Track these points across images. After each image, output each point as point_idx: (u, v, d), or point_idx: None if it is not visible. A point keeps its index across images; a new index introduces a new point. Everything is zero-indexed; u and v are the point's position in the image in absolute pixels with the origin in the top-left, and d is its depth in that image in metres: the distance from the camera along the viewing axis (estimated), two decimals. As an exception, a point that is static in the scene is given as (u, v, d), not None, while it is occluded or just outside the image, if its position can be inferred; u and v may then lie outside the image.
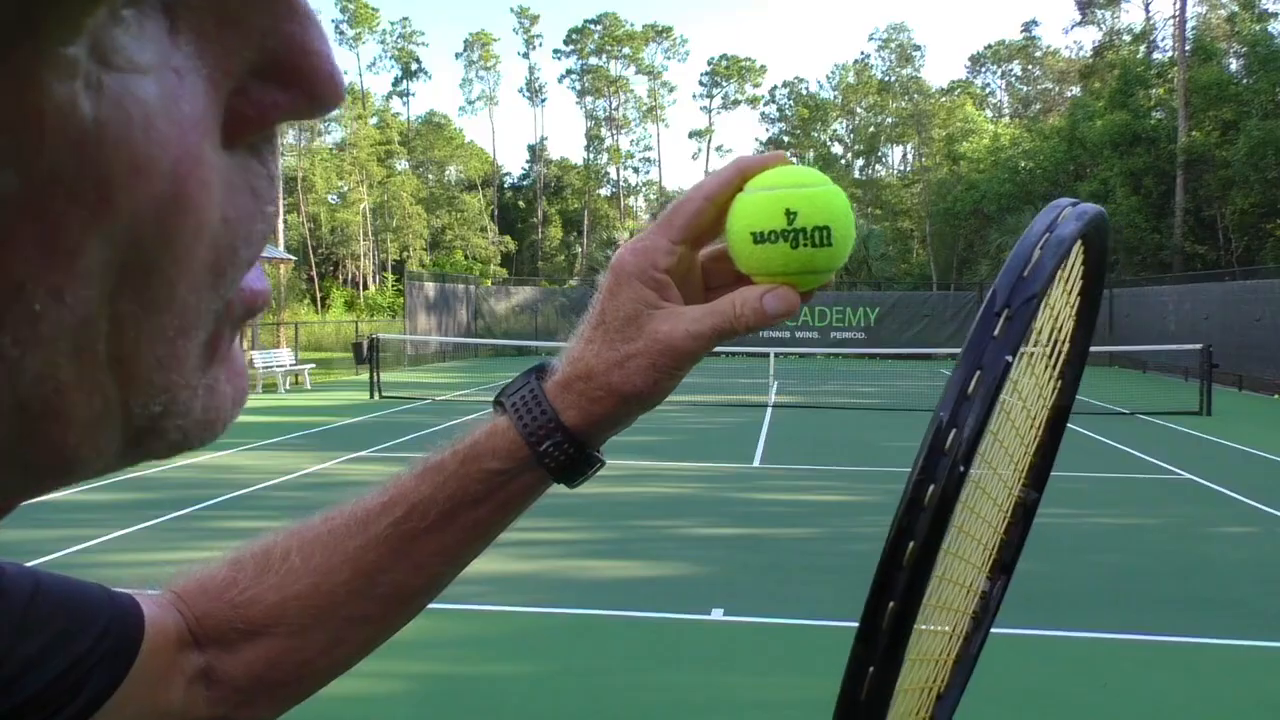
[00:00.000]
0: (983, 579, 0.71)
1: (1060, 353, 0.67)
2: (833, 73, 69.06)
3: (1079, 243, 0.56)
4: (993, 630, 0.72)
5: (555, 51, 71.52)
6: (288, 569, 0.63)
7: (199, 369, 0.25)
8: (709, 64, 72.46)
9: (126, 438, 0.24)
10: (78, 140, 0.19)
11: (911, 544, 0.45)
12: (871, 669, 0.45)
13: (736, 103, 72.45)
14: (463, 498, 0.62)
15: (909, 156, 66.42)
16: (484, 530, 0.64)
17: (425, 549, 0.63)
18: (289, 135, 55.36)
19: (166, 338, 0.24)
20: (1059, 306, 0.62)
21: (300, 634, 0.63)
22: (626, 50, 69.56)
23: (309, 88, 0.25)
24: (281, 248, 39.91)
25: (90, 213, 0.20)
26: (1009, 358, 0.46)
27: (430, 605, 0.67)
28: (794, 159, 0.61)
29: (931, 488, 0.45)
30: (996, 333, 0.46)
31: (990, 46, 66.80)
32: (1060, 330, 0.65)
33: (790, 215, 0.57)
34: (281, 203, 46.78)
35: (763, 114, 70.47)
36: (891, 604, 0.45)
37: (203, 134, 0.23)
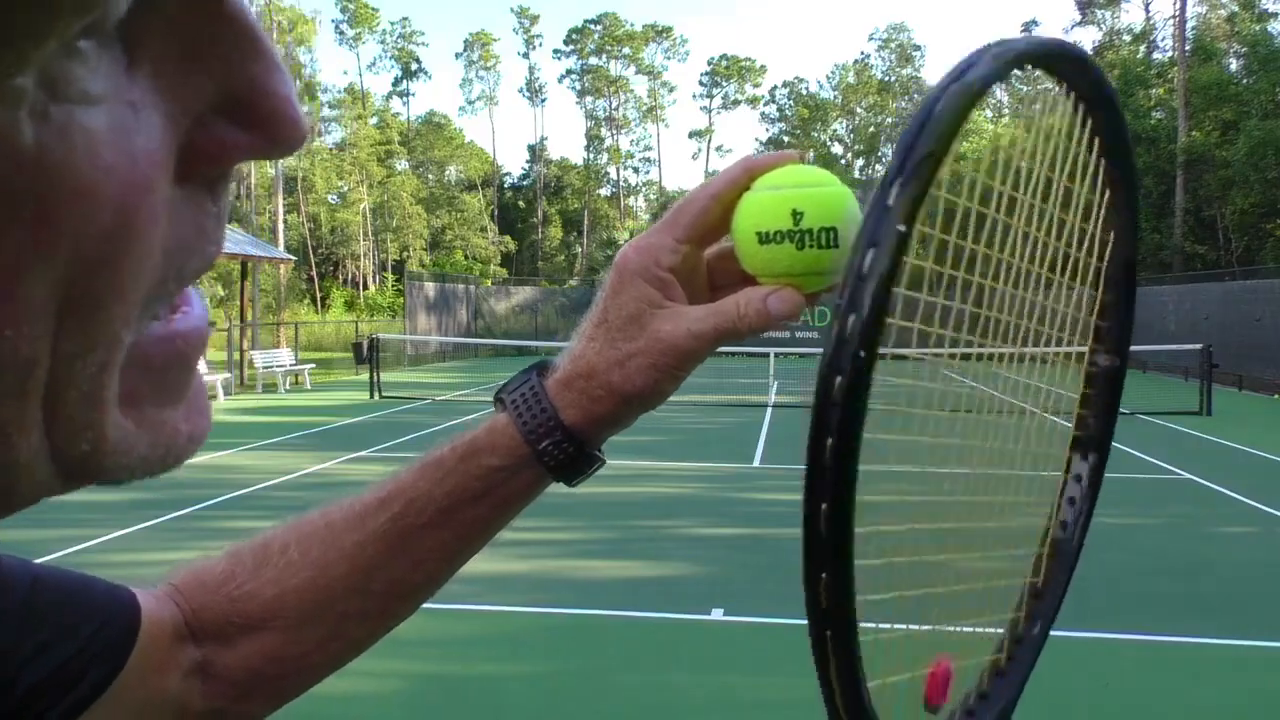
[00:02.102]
0: (1064, 456, 0.65)
1: (1084, 201, 0.62)
2: (833, 73, 69.11)
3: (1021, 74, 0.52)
4: (997, 630, 0.68)
5: (555, 51, 71.47)
6: (285, 563, 0.63)
7: (122, 412, 0.25)
8: (709, 64, 72.44)
9: (58, 475, 0.24)
10: (16, 161, 0.19)
11: (830, 440, 0.46)
12: (824, 506, 0.47)
13: (736, 103, 72.44)
14: (461, 494, 0.62)
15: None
16: (482, 528, 0.64)
17: (423, 545, 0.63)
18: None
19: (90, 374, 0.23)
20: (1047, 145, 0.59)
21: (297, 629, 0.63)
22: (626, 50, 69.55)
23: (270, 130, 0.25)
24: (281, 248, 39.92)
25: (28, 236, 0.20)
26: (901, 228, 0.43)
27: (430, 605, 0.67)
28: (805, 159, 0.61)
29: (839, 379, 0.44)
30: (890, 203, 0.44)
31: (990, 46, 66.67)
32: (1052, 170, 0.60)
33: (797, 215, 0.56)
34: (282, 203, 46.94)
35: (763, 114, 70.48)
36: (824, 505, 0.47)
37: (156, 166, 0.23)
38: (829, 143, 67.07)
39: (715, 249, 0.63)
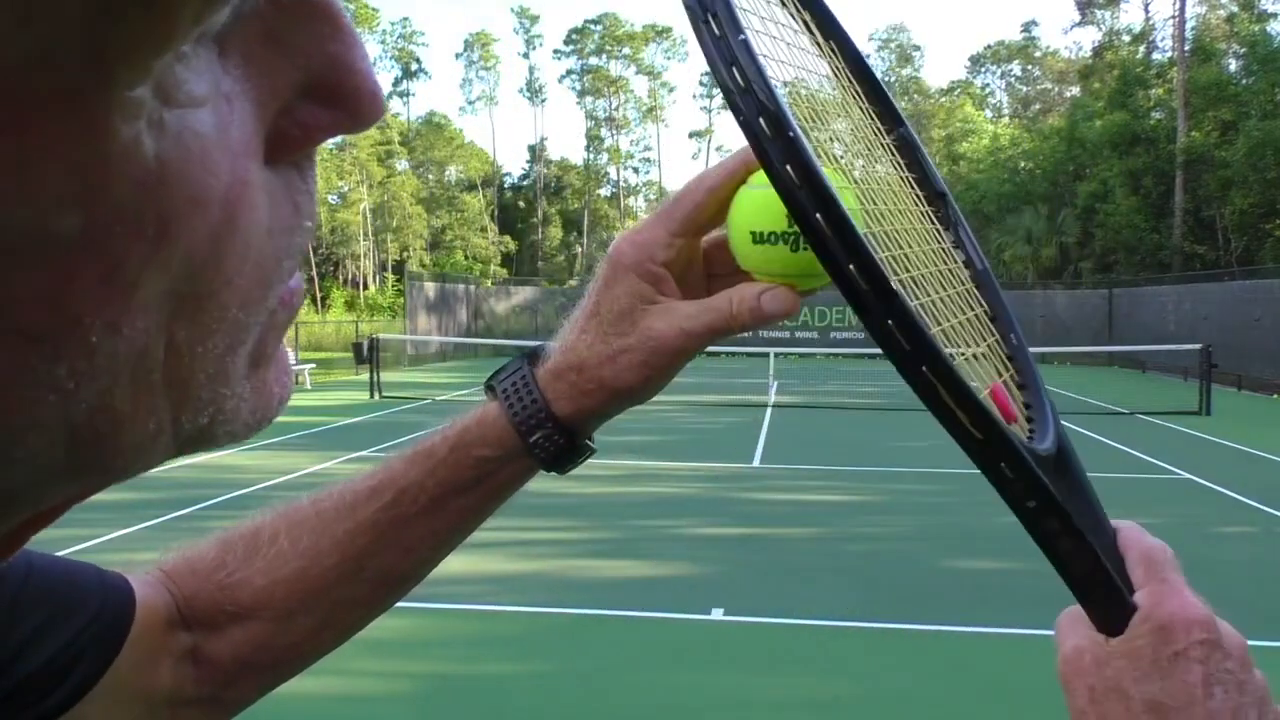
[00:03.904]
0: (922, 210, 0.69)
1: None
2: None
3: None
4: (994, 630, 0.69)
5: (555, 52, 71.52)
6: (276, 552, 0.63)
7: (244, 377, 0.26)
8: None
9: (175, 447, 0.25)
10: (140, 179, 0.19)
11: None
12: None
13: (736, 103, 72.35)
14: (452, 484, 0.62)
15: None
16: (473, 515, 0.64)
17: (414, 534, 0.63)
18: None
19: (216, 355, 0.24)
20: None
21: (287, 617, 0.63)
22: (626, 50, 69.54)
23: (352, 106, 0.25)
24: (281, 248, 39.89)
25: (150, 246, 0.20)
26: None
27: (432, 605, 0.67)
28: None
29: (762, 120, 0.49)
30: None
31: (990, 47, 66.77)
32: None
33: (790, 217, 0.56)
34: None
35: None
36: (852, 266, 0.49)
37: (251, 157, 0.23)
38: (829, 142, 67.02)
39: (712, 237, 0.63)
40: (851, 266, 0.49)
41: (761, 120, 0.48)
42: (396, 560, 0.64)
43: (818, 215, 0.48)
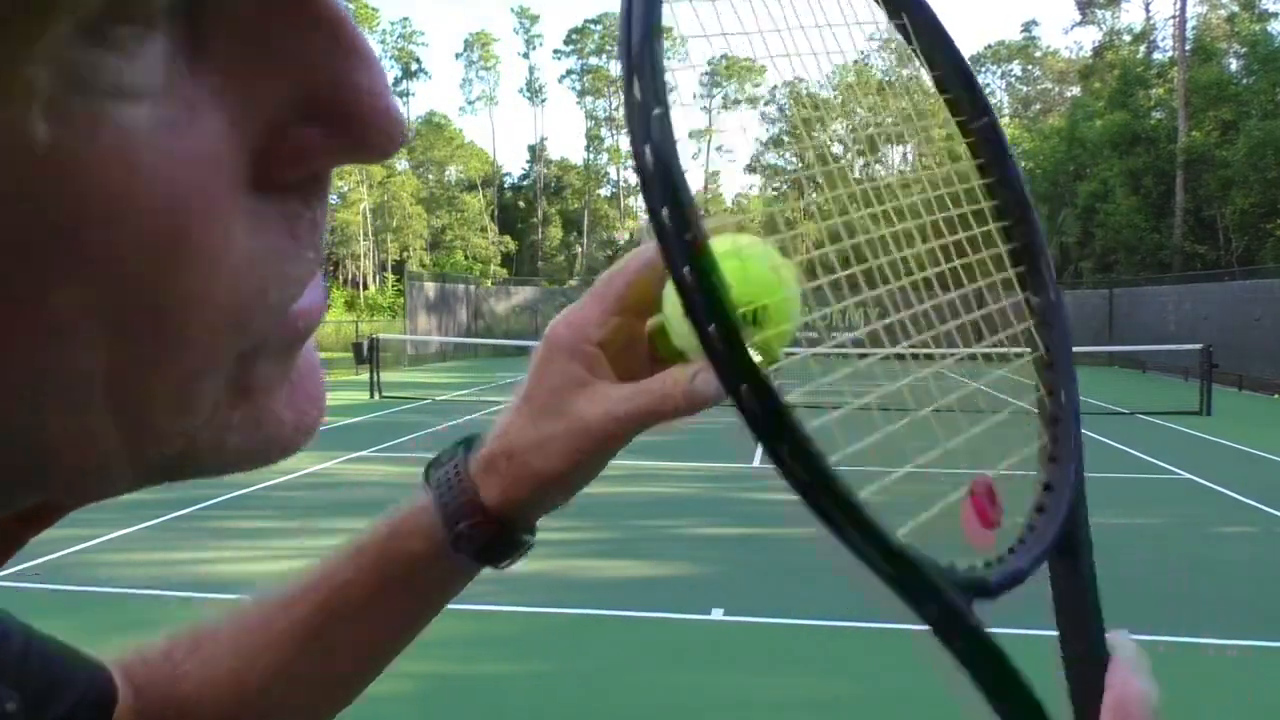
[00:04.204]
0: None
1: None
2: (833, 73, 69.03)
3: None
4: (993, 630, 0.67)
5: (555, 52, 71.52)
6: (213, 649, 0.61)
7: (228, 406, 0.24)
8: (709, 64, 72.47)
9: (143, 476, 0.23)
10: (27, 168, 0.17)
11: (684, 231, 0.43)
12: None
13: (736, 102, 72.45)
14: (383, 578, 0.59)
15: (909, 156, 66.51)
16: (409, 620, 0.61)
17: (347, 636, 0.60)
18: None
19: (176, 381, 0.22)
20: None
21: (234, 715, 0.61)
22: (626, 50, 69.51)
23: (355, 130, 0.23)
24: (281, 248, 39.95)
25: (55, 253, 0.18)
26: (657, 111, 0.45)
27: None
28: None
29: (647, 148, 0.43)
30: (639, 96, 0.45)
31: (990, 47, 66.79)
32: None
33: None
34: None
35: (762, 114, 70.54)
36: (744, 386, 0.45)
37: (213, 172, 0.21)
38: (829, 143, 67.07)
39: (656, 319, 0.58)
40: (744, 387, 0.45)
41: (665, 211, 0.43)
42: (329, 664, 0.60)
43: (710, 327, 0.43)
